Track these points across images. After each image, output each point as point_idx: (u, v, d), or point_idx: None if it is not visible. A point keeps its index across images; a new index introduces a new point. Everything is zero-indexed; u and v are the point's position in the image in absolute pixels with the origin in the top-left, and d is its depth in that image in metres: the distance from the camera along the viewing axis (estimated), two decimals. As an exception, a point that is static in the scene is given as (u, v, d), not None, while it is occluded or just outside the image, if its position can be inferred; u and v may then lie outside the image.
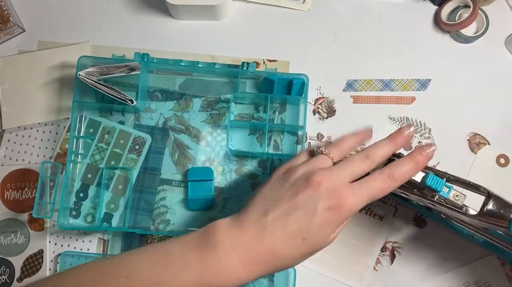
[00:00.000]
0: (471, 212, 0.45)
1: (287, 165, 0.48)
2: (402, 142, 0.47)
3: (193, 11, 0.62)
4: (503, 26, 0.64)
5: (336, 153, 0.47)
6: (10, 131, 0.62)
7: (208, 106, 0.62)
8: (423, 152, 0.45)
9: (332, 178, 0.43)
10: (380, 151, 0.46)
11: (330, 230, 0.43)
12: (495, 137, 0.61)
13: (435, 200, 0.46)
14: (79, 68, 0.59)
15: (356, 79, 0.63)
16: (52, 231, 0.60)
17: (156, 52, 0.63)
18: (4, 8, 0.63)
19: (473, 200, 0.46)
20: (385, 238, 0.60)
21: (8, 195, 0.61)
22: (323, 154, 0.47)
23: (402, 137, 0.47)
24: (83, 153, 0.61)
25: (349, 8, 0.65)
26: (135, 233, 0.59)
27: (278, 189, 0.44)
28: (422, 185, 0.46)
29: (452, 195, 0.45)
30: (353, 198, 0.42)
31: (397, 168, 0.44)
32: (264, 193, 0.45)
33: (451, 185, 0.46)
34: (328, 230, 0.43)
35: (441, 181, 0.45)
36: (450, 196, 0.45)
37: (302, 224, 0.42)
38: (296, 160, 0.48)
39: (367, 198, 0.43)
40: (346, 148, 0.48)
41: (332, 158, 0.47)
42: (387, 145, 0.46)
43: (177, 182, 0.60)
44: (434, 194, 0.46)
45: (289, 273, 0.58)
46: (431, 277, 0.59)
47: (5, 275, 0.60)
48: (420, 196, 0.47)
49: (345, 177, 0.43)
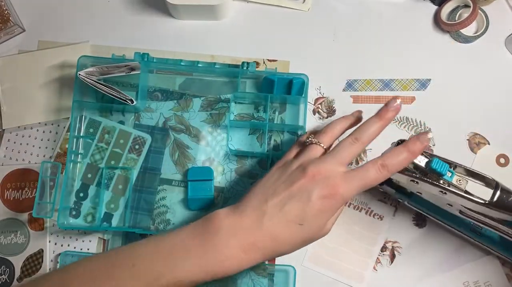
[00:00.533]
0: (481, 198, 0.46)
1: (283, 159, 0.50)
2: (391, 116, 0.48)
3: (193, 11, 0.62)
4: (503, 26, 0.64)
5: (326, 140, 0.50)
6: (10, 131, 0.62)
7: (208, 106, 0.62)
8: (418, 141, 0.46)
9: (325, 167, 0.45)
10: (369, 131, 0.47)
11: (325, 217, 0.45)
12: (495, 137, 0.61)
13: (441, 184, 0.47)
14: (79, 68, 0.59)
15: (356, 79, 0.63)
16: (52, 231, 0.60)
17: (156, 52, 0.63)
18: (4, 8, 0.63)
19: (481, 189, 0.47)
20: (385, 238, 0.60)
21: (8, 195, 0.61)
22: (313, 144, 0.49)
23: (389, 111, 0.48)
24: (83, 153, 0.61)
25: (349, 8, 0.65)
26: (135, 233, 0.59)
27: (276, 180, 0.47)
28: (427, 169, 0.47)
29: (456, 179, 0.47)
30: (346, 187, 0.44)
31: (391, 158, 0.45)
32: (263, 184, 0.47)
33: (454, 171, 0.47)
34: (324, 217, 0.45)
35: (446, 165, 0.46)
36: (454, 180, 0.47)
37: (299, 211, 0.44)
38: (290, 153, 0.51)
39: (360, 187, 0.45)
40: (336, 133, 0.51)
41: (322, 147, 0.49)
42: (375, 123, 0.48)
43: (177, 182, 0.60)
44: (439, 179, 0.47)
45: (289, 273, 0.58)
46: (431, 277, 0.59)
47: (5, 275, 0.60)
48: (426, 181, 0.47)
49: (337, 165, 0.45)
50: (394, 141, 0.50)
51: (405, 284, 0.59)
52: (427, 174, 0.48)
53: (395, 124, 0.62)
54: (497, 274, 0.58)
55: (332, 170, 0.45)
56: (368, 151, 0.61)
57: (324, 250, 0.59)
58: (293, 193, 0.44)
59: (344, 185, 0.44)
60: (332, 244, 0.59)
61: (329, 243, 0.59)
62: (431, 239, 0.59)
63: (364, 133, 0.47)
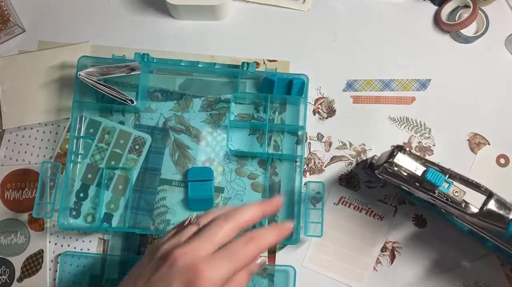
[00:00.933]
0: (472, 210, 0.46)
1: (158, 241, 0.45)
2: (270, 210, 0.45)
3: (193, 11, 0.62)
4: (503, 26, 0.64)
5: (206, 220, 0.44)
6: (10, 131, 0.62)
7: (208, 106, 0.62)
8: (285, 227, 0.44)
9: (189, 251, 0.40)
10: (246, 215, 0.43)
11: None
12: (495, 137, 0.61)
13: (435, 195, 0.46)
14: (79, 68, 0.59)
15: (356, 79, 0.63)
16: (52, 231, 0.60)
17: (156, 52, 0.63)
18: (4, 8, 0.63)
19: (473, 198, 0.46)
20: (385, 238, 0.60)
21: (8, 195, 0.61)
22: (190, 225, 0.44)
23: (271, 205, 0.45)
24: (83, 153, 0.61)
25: (349, 8, 0.65)
26: (135, 233, 0.59)
27: (142, 267, 0.42)
28: (422, 179, 0.46)
29: (452, 191, 0.46)
30: (212, 269, 0.39)
31: (260, 235, 0.42)
32: (132, 272, 0.43)
33: (452, 181, 0.46)
34: None
35: (441, 176, 0.45)
36: (450, 191, 0.46)
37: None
38: (164, 237, 0.45)
39: (230, 267, 0.40)
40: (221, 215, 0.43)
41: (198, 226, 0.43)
42: (254, 210, 0.44)
43: (177, 182, 0.60)
44: (434, 189, 0.47)
45: (289, 273, 0.58)
46: (431, 277, 0.59)
47: (5, 275, 0.60)
48: (420, 190, 0.47)
49: (204, 248, 0.40)
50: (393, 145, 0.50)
51: (405, 284, 0.59)
52: (422, 183, 0.48)
53: (395, 124, 0.62)
54: (497, 274, 0.58)
55: (195, 253, 0.40)
56: (368, 151, 0.61)
57: (324, 251, 0.59)
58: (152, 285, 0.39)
59: (209, 268, 0.39)
60: (332, 245, 0.59)
61: (329, 243, 0.59)
62: (431, 239, 0.59)
63: (241, 215, 0.43)
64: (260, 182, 0.60)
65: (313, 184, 0.59)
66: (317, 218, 0.57)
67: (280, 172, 0.60)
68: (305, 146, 0.61)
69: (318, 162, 0.61)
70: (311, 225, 0.57)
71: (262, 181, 0.60)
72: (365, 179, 0.61)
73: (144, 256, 0.44)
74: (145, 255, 0.44)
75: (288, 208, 0.60)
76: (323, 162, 0.61)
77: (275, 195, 0.59)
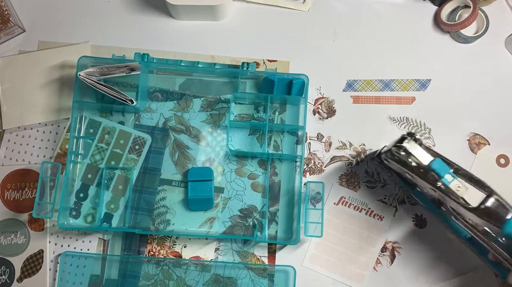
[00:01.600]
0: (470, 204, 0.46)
1: None
2: None
3: (193, 11, 0.62)
4: (503, 26, 0.64)
5: None
6: (10, 131, 0.62)
7: (208, 106, 0.62)
8: None
9: None
10: None
11: None
12: (495, 137, 0.61)
13: (437, 185, 0.47)
14: (79, 68, 0.59)
15: (356, 79, 0.63)
16: (52, 231, 0.60)
17: (156, 52, 0.63)
18: (4, 8, 0.63)
19: (474, 194, 0.46)
20: (385, 238, 0.60)
21: (8, 195, 0.61)
22: None
23: None
24: (83, 153, 0.61)
25: (349, 8, 0.65)
26: (135, 233, 0.59)
27: None
28: (427, 168, 0.47)
29: (454, 184, 0.47)
30: None
31: None
32: None
33: (456, 176, 0.47)
34: None
35: (447, 168, 0.46)
36: (452, 185, 0.46)
37: None
38: None
39: None
40: None
41: None
42: None
43: (177, 182, 0.60)
44: (438, 180, 0.47)
45: (289, 273, 0.58)
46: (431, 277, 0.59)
47: (5, 275, 0.60)
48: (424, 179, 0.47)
49: None
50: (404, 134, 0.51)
51: (404, 284, 0.59)
52: (427, 172, 0.48)
53: (395, 124, 0.62)
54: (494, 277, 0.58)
55: None
56: (368, 150, 0.61)
57: (324, 251, 0.59)
58: None
59: None
60: (332, 245, 0.59)
61: (329, 243, 0.59)
62: (431, 240, 0.59)
63: None
64: (260, 182, 0.60)
65: (313, 184, 0.59)
66: (317, 218, 0.57)
67: (280, 172, 0.60)
68: (305, 146, 0.61)
69: (318, 162, 0.61)
70: (311, 225, 0.57)
71: (262, 181, 0.60)
72: (365, 179, 0.61)
73: None
74: None
75: (288, 208, 0.60)
76: (323, 162, 0.61)
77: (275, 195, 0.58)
